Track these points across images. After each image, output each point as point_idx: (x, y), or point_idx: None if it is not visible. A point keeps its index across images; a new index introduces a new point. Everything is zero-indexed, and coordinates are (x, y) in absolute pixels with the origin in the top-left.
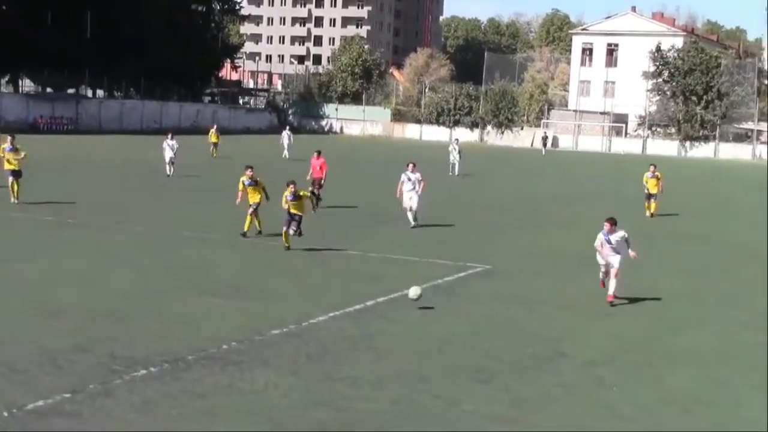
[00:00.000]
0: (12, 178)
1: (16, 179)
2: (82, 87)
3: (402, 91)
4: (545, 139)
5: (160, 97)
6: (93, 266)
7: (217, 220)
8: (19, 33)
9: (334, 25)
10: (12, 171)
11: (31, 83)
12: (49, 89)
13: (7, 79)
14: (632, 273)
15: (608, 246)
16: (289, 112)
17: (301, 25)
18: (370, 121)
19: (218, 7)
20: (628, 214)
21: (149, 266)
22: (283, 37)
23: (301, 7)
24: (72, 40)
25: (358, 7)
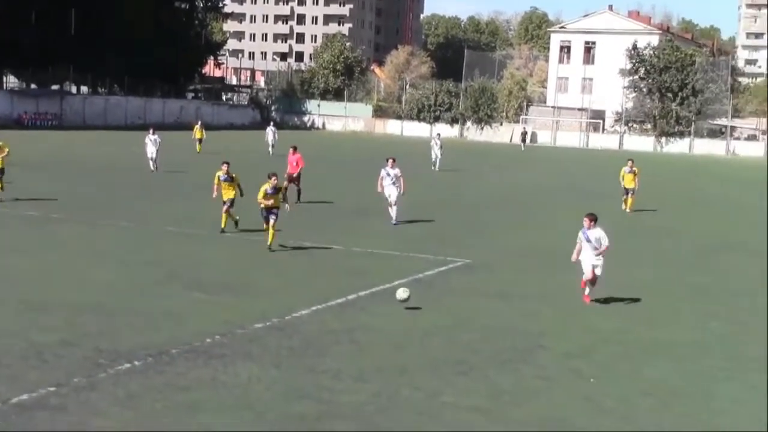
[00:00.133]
0: None
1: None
2: (67, 83)
3: (383, 88)
4: (524, 134)
5: (144, 94)
6: (78, 261)
7: (201, 215)
8: (3, 30)
9: (316, 23)
10: None
11: (16, 80)
12: (33, 85)
13: None
14: (609, 267)
15: (589, 246)
16: (272, 108)
17: (283, 23)
18: (352, 117)
19: (201, 5)
20: (606, 210)
21: (134, 261)
22: (266, 35)
23: (284, 4)
24: (56, 37)
25: (340, 5)
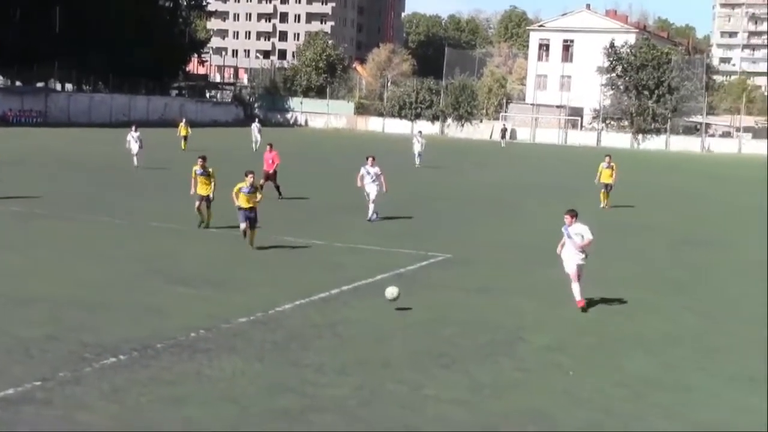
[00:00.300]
0: None
1: None
2: (51, 81)
3: (365, 85)
4: (504, 131)
5: (129, 91)
6: (62, 257)
7: (184, 211)
8: None
9: (299, 21)
10: None
11: (1, 77)
12: (18, 83)
13: None
14: (587, 261)
15: (571, 243)
16: (255, 105)
17: (266, 21)
18: (334, 114)
19: (185, 3)
20: (584, 206)
21: (118, 256)
22: (249, 33)
23: (267, 3)
24: (41, 35)
25: (322, 4)
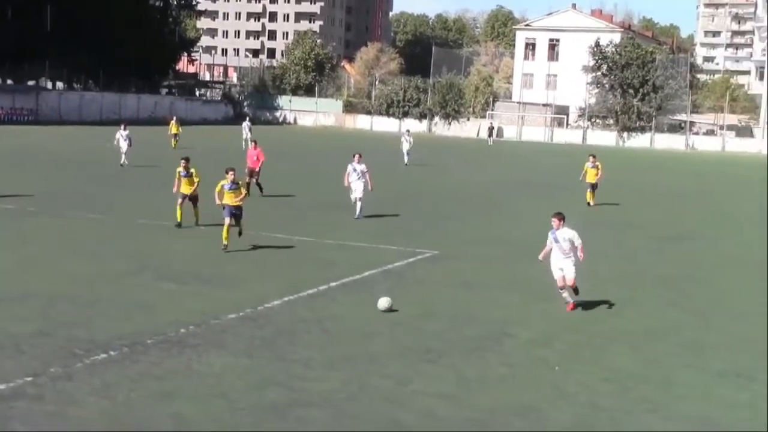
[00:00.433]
0: None
1: None
2: (42, 79)
3: (353, 84)
4: (491, 129)
5: (119, 89)
6: (53, 253)
7: (174, 208)
8: None
9: (288, 20)
10: None
11: None
12: (9, 81)
13: None
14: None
15: (558, 247)
16: (245, 103)
17: (255, 20)
18: (323, 112)
19: (175, 3)
20: (570, 203)
21: (108, 253)
22: (239, 32)
23: (256, 2)
24: (32, 34)
25: (311, 3)
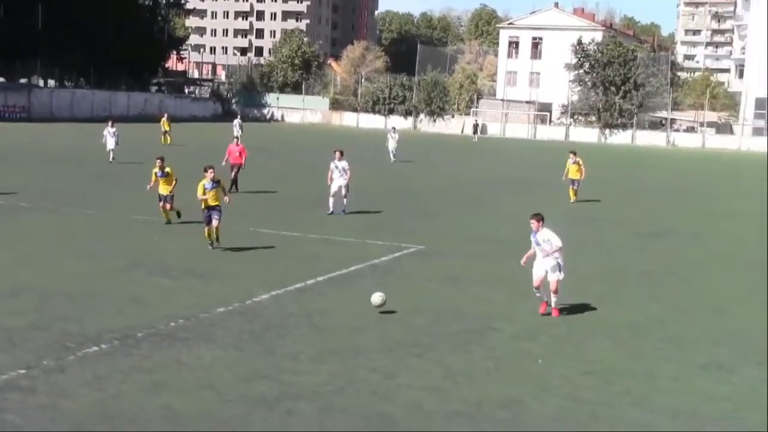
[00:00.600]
0: None
1: None
2: (34, 77)
3: (339, 82)
4: (476, 126)
5: (110, 87)
6: (46, 248)
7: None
8: None
9: (275, 19)
10: None
11: None
12: (1, 79)
13: None
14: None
15: (540, 250)
16: (233, 101)
17: (243, 19)
18: (310, 109)
19: (164, 1)
20: (552, 199)
21: (99, 248)
22: (227, 30)
23: (244, 1)
24: (23, 32)
25: (298, 2)
